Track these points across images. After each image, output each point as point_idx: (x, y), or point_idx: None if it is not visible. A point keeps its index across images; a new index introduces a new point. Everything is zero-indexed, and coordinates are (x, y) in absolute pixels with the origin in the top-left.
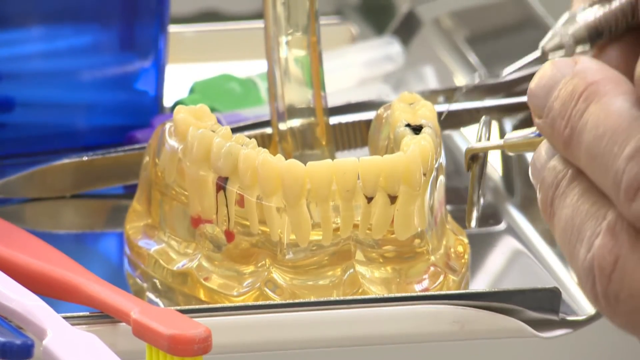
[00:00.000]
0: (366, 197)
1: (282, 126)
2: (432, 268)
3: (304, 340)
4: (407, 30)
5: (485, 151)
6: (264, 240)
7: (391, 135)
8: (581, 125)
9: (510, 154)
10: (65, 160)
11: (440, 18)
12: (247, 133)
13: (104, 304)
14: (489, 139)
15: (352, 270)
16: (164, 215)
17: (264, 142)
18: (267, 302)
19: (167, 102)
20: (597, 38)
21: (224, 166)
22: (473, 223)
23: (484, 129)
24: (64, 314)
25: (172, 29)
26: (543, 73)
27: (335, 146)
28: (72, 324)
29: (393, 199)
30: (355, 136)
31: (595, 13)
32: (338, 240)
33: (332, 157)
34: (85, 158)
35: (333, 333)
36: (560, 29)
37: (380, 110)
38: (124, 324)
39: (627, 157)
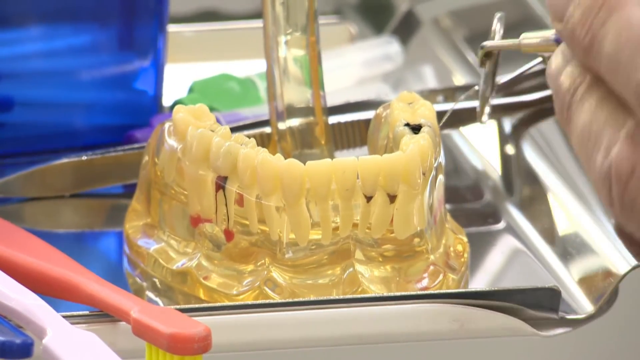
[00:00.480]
0: (365, 196)
1: (282, 126)
2: (431, 267)
3: (303, 339)
4: (406, 29)
5: (499, 49)
6: (263, 240)
7: (390, 134)
8: (602, 35)
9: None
10: (65, 160)
11: (439, 17)
12: (246, 132)
13: (104, 303)
14: (502, 36)
15: (351, 269)
16: (164, 215)
17: (263, 141)
18: (267, 301)
19: (166, 101)
20: None
21: (223, 165)
22: (484, 118)
23: (498, 24)
24: (63, 313)
25: (171, 28)
26: None
27: (335, 146)
28: (72, 323)
29: (392, 198)
30: (354, 136)
31: None
32: (337, 239)
33: (331, 157)
34: (84, 157)
35: (332, 332)
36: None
37: (379, 109)
38: (123, 323)
39: None
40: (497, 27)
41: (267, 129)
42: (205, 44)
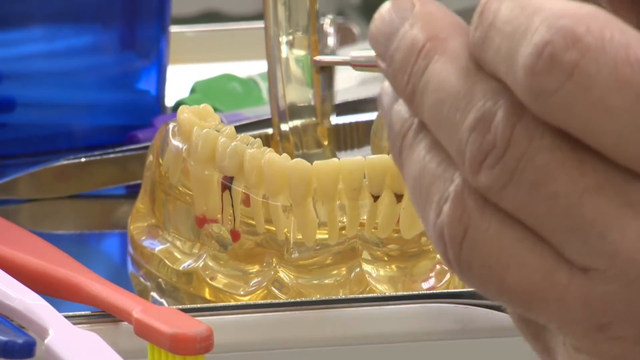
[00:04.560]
0: (372, 195)
1: (283, 126)
2: (438, 266)
3: (307, 339)
4: None
5: (332, 65)
6: (269, 240)
7: None
8: (422, 85)
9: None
10: (67, 161)
11: None
12: (248, 133)
13: (106, 303)
14: (335, 48)
15: (358, 269)
16: (168, 215)
17: (266, 141)
18: (270, 301)
19: (169, 102)
20: None
21: (229, 166)
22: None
23: (330, 36)
24: (65, 313)
25: (174, 29)
26: (382, 15)
27: (337, 146)
28: (74, 323)
29: (399, 197)
30: (357, 137)
31: None
32: (344, 239)
33: (334, 157)
34: (86, 158)
35: (335, 332)
36: None
37: None
38: (125, 323)
39: (469, 127)
40: (328, 37)
41: (269, 130)
42: (207, 45)
